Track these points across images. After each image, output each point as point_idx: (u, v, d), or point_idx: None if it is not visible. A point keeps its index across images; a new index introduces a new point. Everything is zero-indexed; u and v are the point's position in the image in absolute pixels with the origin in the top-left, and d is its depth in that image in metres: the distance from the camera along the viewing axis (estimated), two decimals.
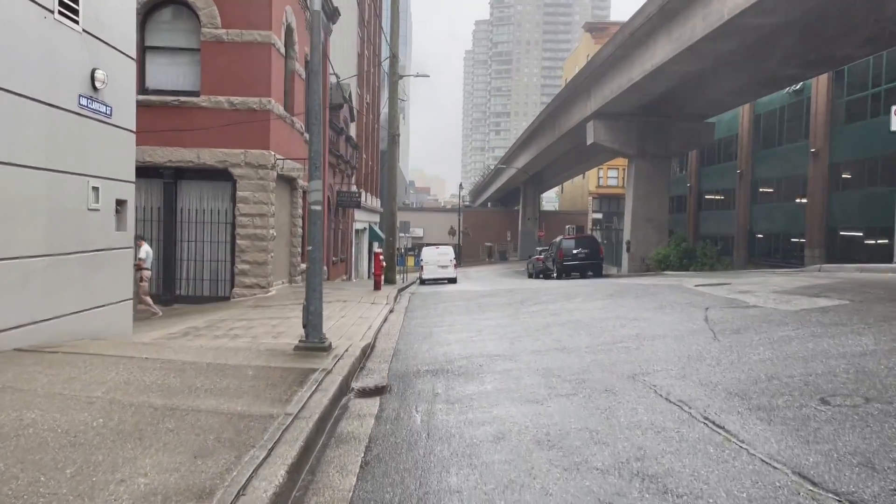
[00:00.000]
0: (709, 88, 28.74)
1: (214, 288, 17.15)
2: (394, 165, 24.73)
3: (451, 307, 13.87)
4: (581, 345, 7.87)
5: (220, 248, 17.17)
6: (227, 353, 7.41)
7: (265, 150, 16.73)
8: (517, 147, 57.57)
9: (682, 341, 7.40)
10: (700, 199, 43.28)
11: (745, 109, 36.42)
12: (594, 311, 10.48)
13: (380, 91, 49.02)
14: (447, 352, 8.26)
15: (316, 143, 7.97)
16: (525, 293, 15.41)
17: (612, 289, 14.02)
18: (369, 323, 11.28)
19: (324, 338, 7.87)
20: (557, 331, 9.06)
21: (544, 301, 12.94)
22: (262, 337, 9.58)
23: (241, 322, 11.71)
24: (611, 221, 73.32)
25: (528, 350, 7.86)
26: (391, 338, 9.94)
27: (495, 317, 11.31)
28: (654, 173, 33.29)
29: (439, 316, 12.32)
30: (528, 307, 12.23)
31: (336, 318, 11.86)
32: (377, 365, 7.79)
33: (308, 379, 6.16)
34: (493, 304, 13.42)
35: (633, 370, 6.27)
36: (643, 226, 33.18)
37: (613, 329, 8.70)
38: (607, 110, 32.10)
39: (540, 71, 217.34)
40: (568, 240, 31.04)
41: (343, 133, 28.98)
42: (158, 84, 16.78)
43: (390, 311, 13.90)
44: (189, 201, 17.11)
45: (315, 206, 7.93)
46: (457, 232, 71.27)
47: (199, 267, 17.13)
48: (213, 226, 17.15)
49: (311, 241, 7.93)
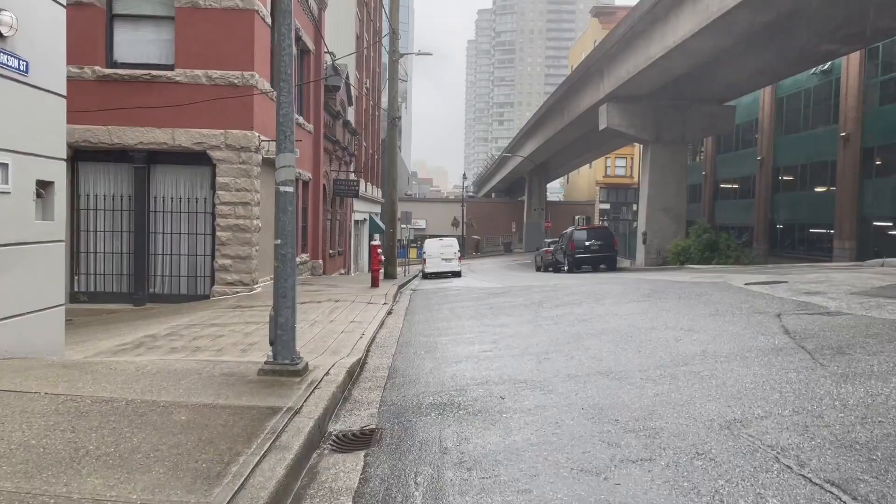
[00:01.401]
0: (732, 68, 26.77)
1: (193, 285, 15.36)
2: (393, 150, 22.87)
3: (458, 308, 12.05)
4: (631, 367, 6.05)
5: (199, 240, 15.37)
6: (167, 381, 5.60)
7: (248, 131, 14.89)
8: (523, 135, 55.57)
9: (771, 365, 5.57)
10: (716, 187, 41.32)
11: (767, 92, 34.43)
12: (633, 317, 8.65)
13: (380, 77, 47.06)
14: (457, 373, 6.45)
15: (286, 106, 6.14)
16: (542, 292, 13.58)
17: (646, 288, 12.16)
18: (362, 330, 9.48)
19: (297, 358, 6.06)
20: (594, 344, 7.23)
21: (568, 302, 11.11)
22: (227, 350, 7.78)
23: (211, 328, 9.92)
24: (619, 212, 71.39)
25: (563, 373, 6.05)
26: (387, 351, 8.13)
27: (512, 322, 9.49)
28: (671, 160, 31.36)
29: (445, 320, 10.51)
30: (550, 310, 10.40)
31: (324, 323, 10.06)
32: (366, 394, 5.98)
33: (264, 427, 4.35)
34: (508, 306, 11.60)
35: (722, 414, 4.44)
36: (659, 216, 31.27)
37: (667, 343, 6.87)
38: (622, 93, 30.15)
39: (544, 60, 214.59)
40: (580, 231, 29.18)
41: (340, 117, 27.11)
42: (127, 57, 14.92)
43: (388, 312, 12.10)
44: (164, 188, 15.29)
45: (284, 188, 6.11)
46: (460, 223, 69.35)
47: (176, 262, 15.32)
48: (190, 216, 15.33)
49: (279, 232, 6.11)
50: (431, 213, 77.20)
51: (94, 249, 15.16)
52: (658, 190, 31.26)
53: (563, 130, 40.99)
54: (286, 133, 6.11)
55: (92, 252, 15.15)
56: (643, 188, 32.28)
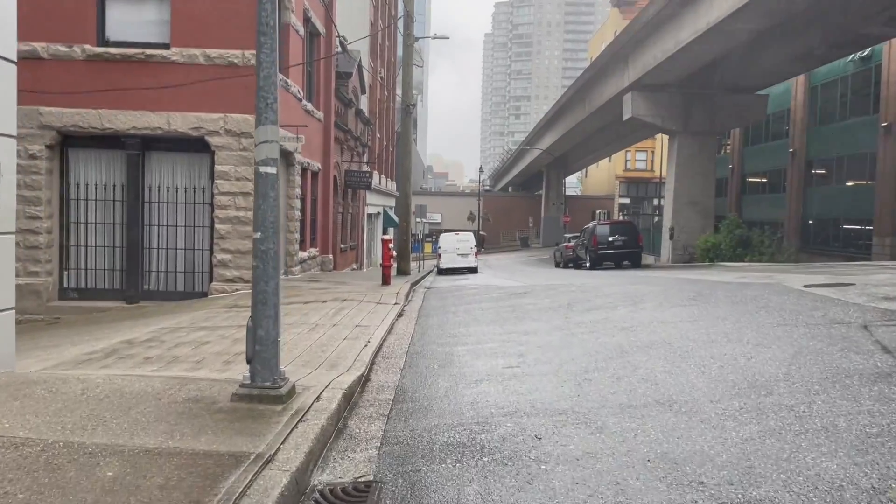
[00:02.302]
0: (766, 54, 25.25)
1: (190, 282, 14.29)
2: (407, 139, 21.66)
3: (476, 310, 10.84)
4: (698, 395, 4.80)
5: (196, 233, 14.29)
6: (112, 410, 4.44)
7: (249, 115, 13.74)
8: (542, 127, 54.12)
9: (888, 399, 4.30)
10: (743, 181, 39.67)
11: (800, 81, 32.74)
12: (683, 326, 7.38)
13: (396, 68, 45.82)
14: (478, 398, 5.24)
15: (267, 66, 4.94)
16: (569, 292, 12.31)
17: (689, 289, 10.82)
18: (368, 336, 8.29)
19: (279, 380, 4.87)
20: (643, 361, 5.98)
21: (601, 306, 9.84)
22: (208, 362, 6.64)
23: (198, 332, 8.79)
24: (639, 206, 69.69)
25: (611, 402, 4.82)
26: (395, 364, 6.94)
27: (539, 329, 8.26)
28: (699, 151, 29.86)
29: (462, 325, 9.29)
30: (582, 314, 9.15)
31: (325, 328, 8.89)
32: (366, 425, 4.80)
33: (217, 490, 3.17)
34: (532, 308, 10.35)
35: (851, 477, 3.19)
36: (686, 210, 29.82)
37: (735, 362, 5.61)
38: (648, 81, 28.69)
39: (561, 53, 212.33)
40: (602, 226, 27.80)
41: (352, 105, 25.93)
42: (120, 35, 13.84)
43: (399, 314, 10.92)
44: (159, 177, 14.21)
45: (265, 168, 4.92)
46: (476, 217, 68.06)
47: (172, 256, 14.26)
48: (188, 207, 14.26)
49: (258, 224, 4.92)
50: (447, 207, 76.01)
51: (85, 243, 14.13)
52: (685, 183, 29.80)
53: (584, 121, 39.55)
54: (267, 100, 4.92)
55: (82, 245, 14.12)
56: (669, 181, 30.83)
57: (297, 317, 10.07)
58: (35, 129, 13.45)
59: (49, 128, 13.51)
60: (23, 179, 13.41)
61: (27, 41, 13.20)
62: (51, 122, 13.50)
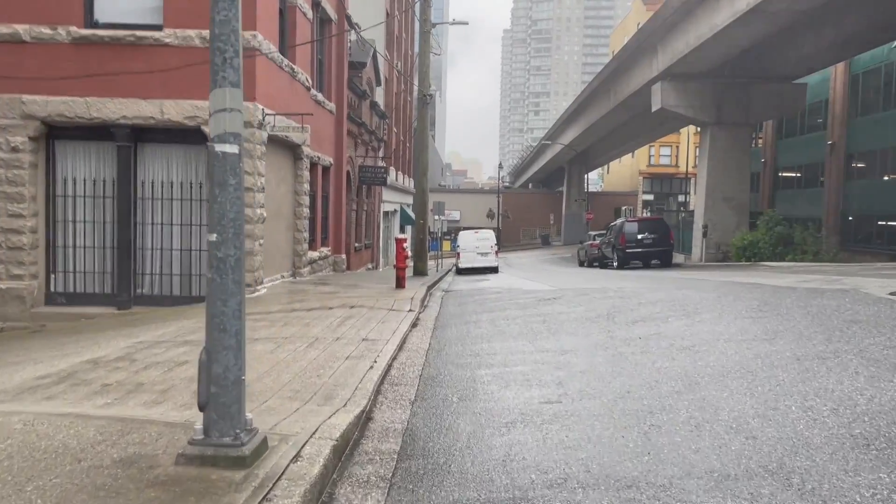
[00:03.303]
0: (808, 37, 23.59)
1: (186, 285, 13.12)
2: (424, 131, 20.36)
3: (500, 320, 9.50)
4: (820, 457, 3.44)
5: (193, 232, 13.11)
6: (3, 485, 3.19)
7: (249, 103, 12.52)
8: (563, 121, 52.51)
9: None
10: (776, 176, 37.82)
11: (839, 70, 30.89)
12: (759, 346, 6.00)
13: (413, 62, 44.50)
14: (511, 454, 3.93)
15: (225, 7, 3.65)
16: (606, 297, 10.92)
17: (748, 297, 9.34)
18: (375, 353, 7.01)
19: (242, 434, 3.58)
20: (722, 398, 4.62)
21: (648, 316, 8.46)
22: (174, 394, 5.39)
23: (178, 349, 7.56)
24: (662, 203, 67.74)
25: (698, 468, 3.47)
26: (404, 394, 5.64)
27: (579, 347, 6.91)
28: (733, 144, 28.20)
29: (485, 339, 7.97)
30: (627, 327, 7.78)
31: (327, 342, 7.62)
32: (359, 498, 3.50)
33: None
34: (566, 319, 8.99)
35: None
36: (720, 206, 28.19)
37: (850, 401, 4.23)
38: (678, 70, 27.10)
39: (581, 49, 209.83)
40: (631, 223, 26.29)
41: (367, 97, 24.69)
42: (109, 15, 12.67)
43: (413, 324, 9.63)
44: (153, 171, 13.05)
45: (222, 147, 3.67)
46: (496, 215, 66.63)
47: (167, 258, 13.09)
48: (184, 204, 13.08)
49: (214, 221, 3.66)
50: (465, 204, 74.67)
51: (73, 243, 13.01)
52: (718, 177, 28.16)
53: (609, 114, 37.96)
54: (225, 53, 3.64)
55: (70, 246, 13.00)
56: (701, 175, 29.20)
57: (296, 328, 8.82)
58: (17, 119, 12.34)
59: (32, 118, 12.39)
60: (4, 174, 12.33)
61: (8, 23, 12.11)
62: (34, 112, 12.38)
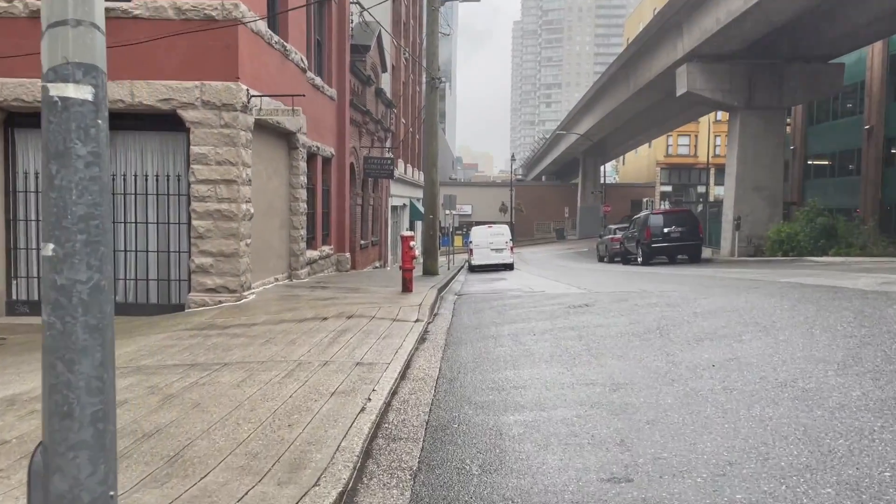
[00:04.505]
0: (849, 13, 21.69)
1: (165, 292, 11.59)
2: (433, 119, 18.72)
3: (526, 335, 7.87)
4: None
5: (172, 232, 11.59)
6: None
7: (231, 83, 10.96)
8: (579, 110, 50.61)
9: None
10: (806, 164, 35.87)
11: (876, 49, 28.95)
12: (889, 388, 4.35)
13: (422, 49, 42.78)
14: None
15: None
16: (650, 305, 9.23)
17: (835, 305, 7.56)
18: (371, 386, 5.40)
19: None
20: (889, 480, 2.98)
21: (713, 332, 6.78)
22: None
23: (123, 381, 6.01)
24: (680, 194, 65.70)
25: None
26: (403, 454, 4.04)
27: (634, 378, 5.28)
28: (765, 129, 26.32)
29: (510, 363, 6.34)
30: (689, 348, 6.13)
31: (311, 369, 6.04)
32: None
33: None
34: (606, 334, 7.34)
35: None
36: (751, 196, 26.34)
37: None
38: (706, 50, 25.25)
39: (593, 39, 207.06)
40: (656, 215, 24.51)
41: (372, 84, 23.07)
42: None
43: (420, 339, 8.04)
44: (124, 163, 11.52)
45: (63, 89, 2.05)
46: (508, 208, 64.88)
47: (143, 261, 11.57)
48: (160, 199, 11.55)
49: (52, 222, 2.05)
50: (477, 198, 72.96)
51: (37, 245, 11.49)
52: (748, 166, 26.31)
53: (628, 101, 36.10)
54: None
55: (34, 248, 11.50)
56: (730, 164, 27.35)
57: (278, 347, 7.26)
58: None
59: None
60: None
61: None
62: None
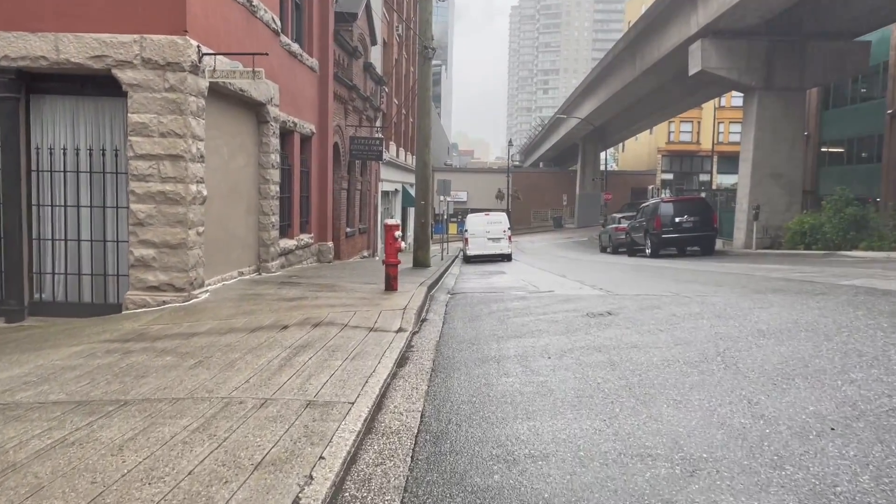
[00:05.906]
0: None
1: (101, 289, 9.70)
2: (426, 94, 16.80)
3: (539, 359, 6.03)
4: None
5: (109, 217, 9.69)
6: None
7: (177, 36, 9.03)
8: (580, 93, 48.58)
9: None
10: (820, 150, 34.06)
11: None
12: None
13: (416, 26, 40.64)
14: None
15: None
16: (692, 316, 7.41)
17: None
18: (317, 451, 3.53)
19: None
20: None
21: (795, 359, 4.98)
22: None
23: None
24: (682, 182, 63.88)
25: None
26: None
27: (713, 449, 3.48)
28: (784, 111, 24.49)
29: (522, 411, 4.51)
30: (780, 391, 4.33)
31: (243, 412, 4.17)
32: None
33: None
34: (650, 363, 5.50)
35: None
36: (767, 184, 24.55)
37: None
38: (723, 25, 23.34)
39: (591, 24, 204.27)
40: (667, 203, 22.69)
41: (359, 56, 21.08)
42: None
43: (401, 357, 6.21)
44: (52, 134, 9.59)
45: None
46: (505, 195, 62.93)
47: (74, 251, 9.68)
48: (95, 178, 9.64)
49: None
50: (473, 184, 70.96)
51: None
52: (766, 151, 24.48)
53: (635, 82, 34.13)
54: None
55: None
56: (745, 149, 25.51)
57: (209, 373, 5.41)
58: None
59: None
60: None
61: None
62: None
